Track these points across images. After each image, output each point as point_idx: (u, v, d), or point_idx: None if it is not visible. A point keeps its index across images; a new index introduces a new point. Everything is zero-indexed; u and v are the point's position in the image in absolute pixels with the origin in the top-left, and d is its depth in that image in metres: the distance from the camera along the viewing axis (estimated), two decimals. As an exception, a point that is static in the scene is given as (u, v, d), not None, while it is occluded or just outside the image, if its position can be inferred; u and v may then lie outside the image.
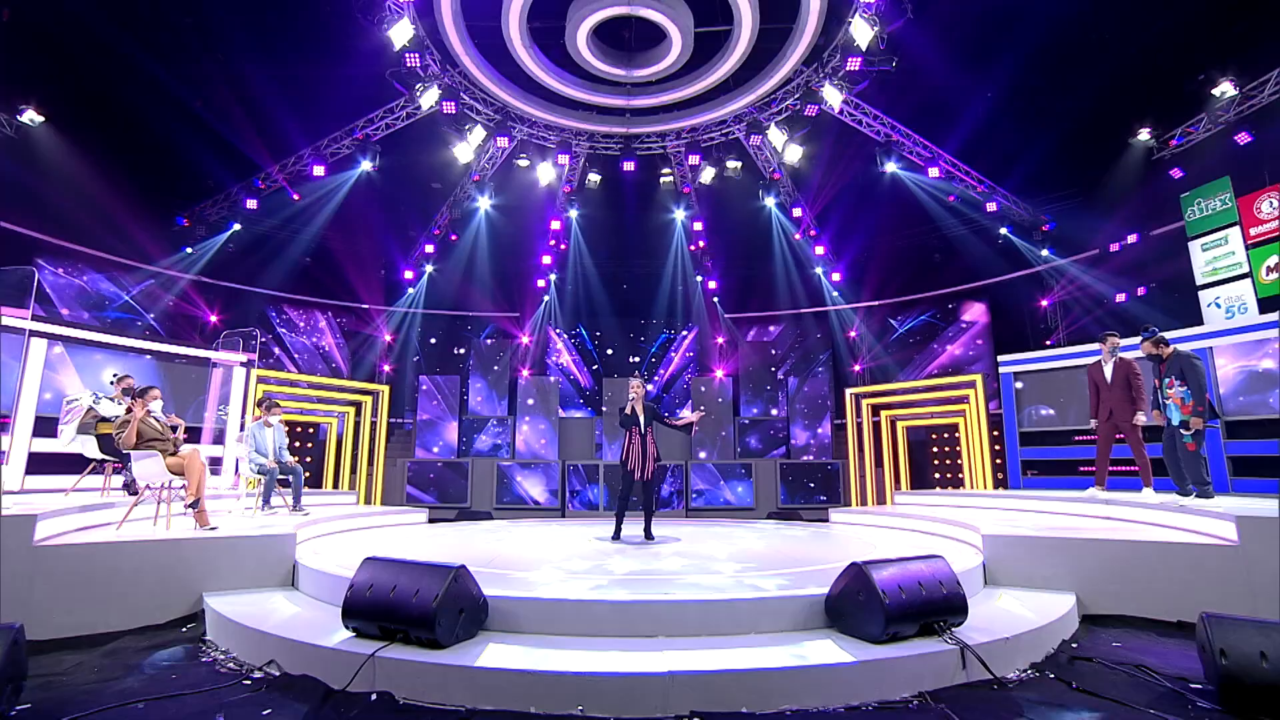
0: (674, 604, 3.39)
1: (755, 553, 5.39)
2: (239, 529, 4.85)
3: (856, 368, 14.74)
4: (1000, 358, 9.49)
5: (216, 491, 7.09)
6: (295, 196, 11.73)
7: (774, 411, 12.47)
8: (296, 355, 13.45)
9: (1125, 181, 10.44)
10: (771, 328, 15.61)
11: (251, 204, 11.50)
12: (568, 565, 4.69)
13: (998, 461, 9.60)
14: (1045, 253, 11.92)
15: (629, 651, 3.03)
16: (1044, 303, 12.24)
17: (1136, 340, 5.73)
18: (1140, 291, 10.59)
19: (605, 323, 15.71)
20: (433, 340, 14.93)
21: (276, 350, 13.16)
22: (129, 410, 4.99)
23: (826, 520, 8.82)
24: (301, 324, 13.74)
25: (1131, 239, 10.59)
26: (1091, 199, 11.16)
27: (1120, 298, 10.86)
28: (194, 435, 7.84)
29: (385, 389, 11.60)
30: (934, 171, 11.43)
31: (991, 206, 11.81)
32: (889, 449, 10.87)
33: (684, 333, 15.85)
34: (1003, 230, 12.26)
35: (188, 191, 11.46)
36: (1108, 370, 5.88)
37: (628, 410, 6.03)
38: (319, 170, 11.17)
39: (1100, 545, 4.20)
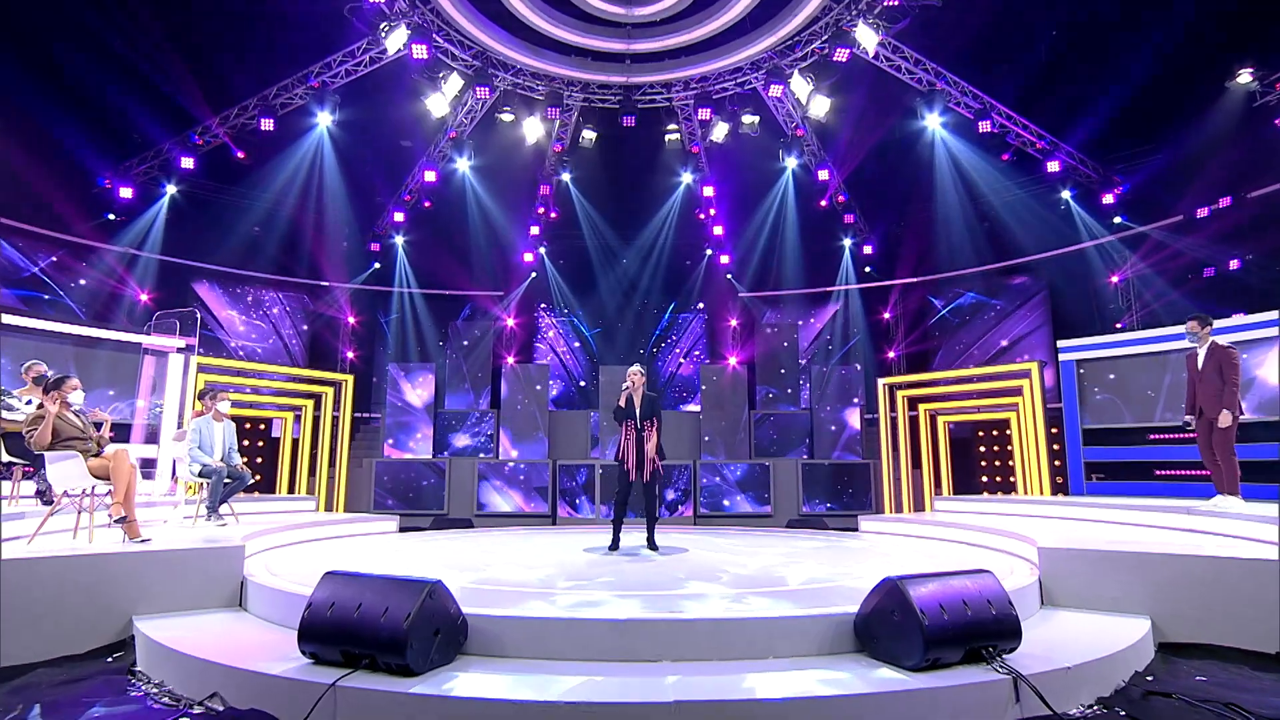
0: (680, 623, 3.39)
1: (773, 565, 5.41)
2: (176, 541, 4.83)
3: (891, 354, 14.69)
4: (1060, 343, 9.44)
5: (150, 498, 7.08)
6: (240, 155, 11.63)
7: (795, 404, 12.44)
8: (244, 340, 13.43)
9: (1218, 133, 10.11)
10: (792, 308, 15.54)
11: (187, 163, 11.34)
12: (559, 579, 4.71)
13: (1056, 464, 9.58)
14: (1117, 220, 11.77)
15: (629, 677, 3.03)
16: (1114, 279, 12.13)
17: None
18: (1233, 265, 10.43)
19: (601, 302, 15.65)
20: (404, 323, 14.90)
21: (220, 334, 13.13)
22: (42, 404, 4.93)
23: (855, 529, 8.84)
24: (250, 304, 13.70)
25: (1224, 202, 10.41)
26: (1175, 155, 10.93)
27: (1209, 272, 10.72)
28: (122, 433, 7.82)
29: (349, 379, 11.60)
30: (985, 125, 11.29)
31: (1053, 166, 11.68)
32: (928, 448, 10.86)
33: (692, 314, 15.79)
34: (1065, 194, 12.13)
35: (111, 148, 11.27)
36: (1200, 359, 5.88)
37: (622, 401, 6.05)
38: (267, 124, 11.06)
39: (1180, 562, 4.14)
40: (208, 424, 6.77)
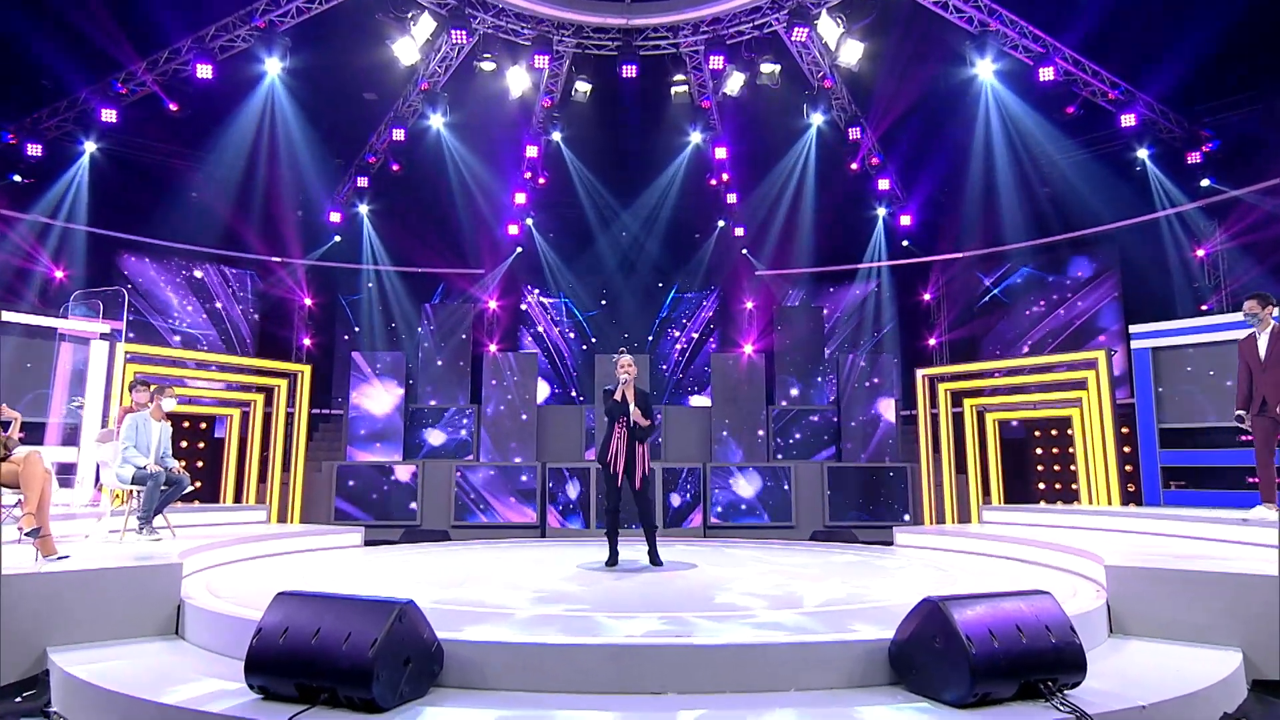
0: (689, 649, 3.40)
1: (795, 583, 5.44)
2: (100, 558, 4.82)
3: (931, 341, 14.69)
4: (1133, 328, 9.41)
5: (68, 509, 7.05)
6: (173, 107, 11.54)
7: (821, 399, 12.44)
8: (181, 324, 13.43)
9: None
10: (817, 288, 15.51)
11: (109, 115, 11.21)
12: (549, 600, 4.75)
13: (1128, 469, 9.56)
14: (1205, 183, 11.66)
15: (629, 712, 3.04)
16: (1199, 253, 12.06)
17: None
18: None
19: (597, 282, 15.64)
20: (369, 305, 14.91)
21: (152, 318, 13.11)
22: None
23: (890, 543, 8.91)
24: (188, 283, 13.70)
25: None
26: (1277, 106, 10.82)
27: None
28: (35, 434, 7.80)
29: (306, 370, 11.61)
30: (1047, 73, 11.20)
31: (1128, 120, 11.58)
32: (975, 450, 10.85)
33: (702, 295, 15.77)
34: (1142, 153, 12.03)
35: (16, 97, 11.13)
36: (1262, 344, 5.85)
37: (616, 395, 6.10)
38: (205, 71, 10.97)
39: (1277, 585, 4.09)
40: (146, 422, 6.76)
